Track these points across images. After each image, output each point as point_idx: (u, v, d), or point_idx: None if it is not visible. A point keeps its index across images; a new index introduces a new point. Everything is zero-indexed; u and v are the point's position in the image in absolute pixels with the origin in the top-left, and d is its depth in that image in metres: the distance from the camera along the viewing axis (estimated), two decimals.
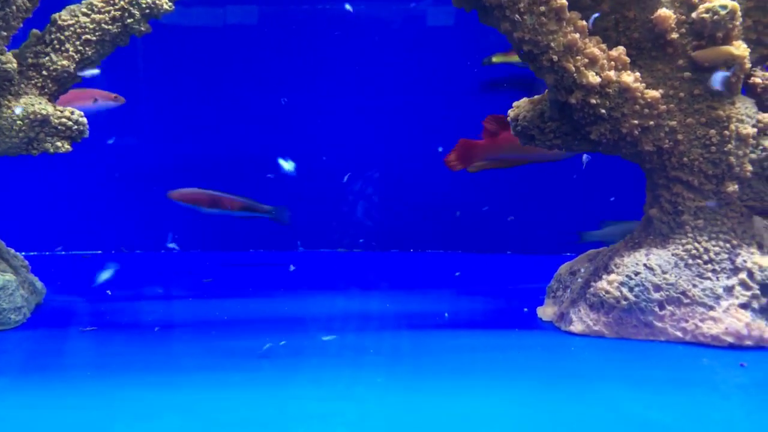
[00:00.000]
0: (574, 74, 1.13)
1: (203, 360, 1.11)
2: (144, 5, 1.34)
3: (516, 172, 1.72)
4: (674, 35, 1.15)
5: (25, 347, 1.18)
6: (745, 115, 1.13)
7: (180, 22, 1.98)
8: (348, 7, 1.98)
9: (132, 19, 1.35)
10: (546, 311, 1.25)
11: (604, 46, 1.16)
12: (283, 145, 1.99)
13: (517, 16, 1.11)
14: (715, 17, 1.10)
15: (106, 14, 1.33)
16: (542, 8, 1.12)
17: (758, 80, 1.28)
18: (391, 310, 1.44)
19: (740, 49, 1.11)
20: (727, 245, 1.13)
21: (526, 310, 1.31)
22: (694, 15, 1.12)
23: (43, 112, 1.26)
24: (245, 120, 2.05)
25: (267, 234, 2.05)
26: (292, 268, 1.80)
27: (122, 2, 1.33)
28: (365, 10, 2.02)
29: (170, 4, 1.36)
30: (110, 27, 1.34)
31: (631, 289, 1.11)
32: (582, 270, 1.22)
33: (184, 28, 2.00)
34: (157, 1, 1.34)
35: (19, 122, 1.26)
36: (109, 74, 1.52)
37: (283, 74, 2.03)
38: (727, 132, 1.13)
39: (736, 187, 1.13)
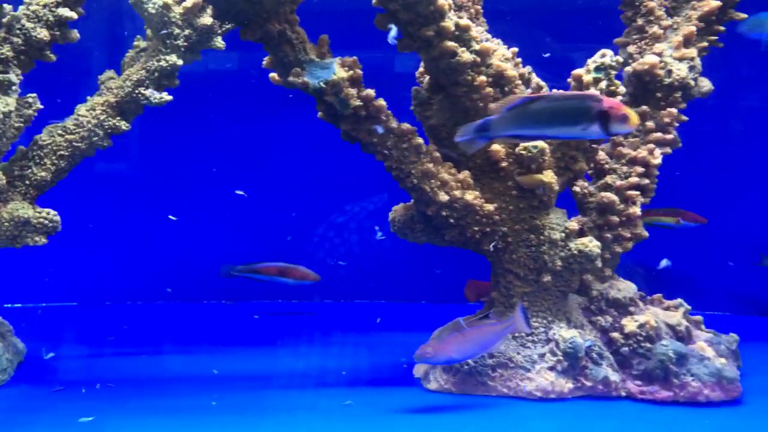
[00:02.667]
0: (430, 193, 1.50)
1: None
2: (107, 127, 1.70)
3: None
4: (504, 164, 1.54)
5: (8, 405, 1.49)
6: (556, 224, 1.51)
7: None
8: None
9: (97, 138, 1.71)
10: (419, 368, 1.61)
11: (454, 170, 1.54)
12: None
13: (386, 150, 1.50)
14: (530, 153, 1.49)
15: (77, 135, 1.70)
16: (405, 145, 1.50)
17: (578, 189, 1.68)
18: (268, 367, 1.73)
19: (548, 176, 1.49)
20: (544, 321, 1.51)
21: (405, 366, 1.67)
22: (516, 150, 1.51)
23: (25, 215, 1.60)
24: None
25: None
26: None
27: (90, 125, 1.70)
28: None
29: (128, 125, 1.72)
30: (80, 144, 1.70)
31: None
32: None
33: None
34: (116, 123, 1.71)
35: (6, 224, 1.60)
36: None
37: None
38: (542, 237, 1.51)
39: (550, 277, 1.51)
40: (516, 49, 1.60)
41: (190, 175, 2.35)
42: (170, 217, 2.30)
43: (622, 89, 1.51)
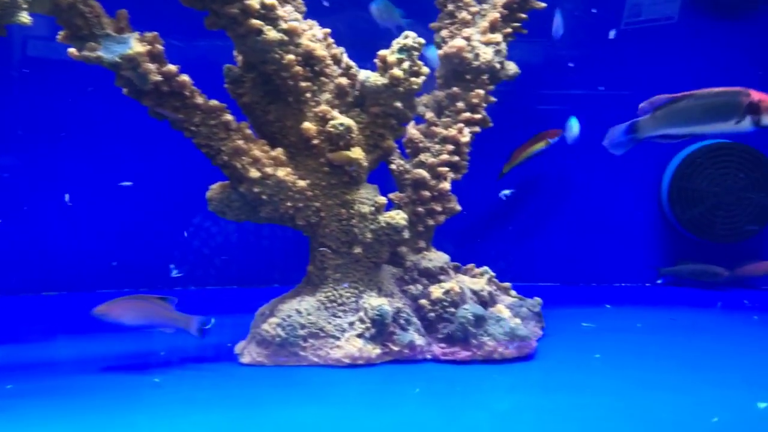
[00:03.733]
0: (241, 170, 1.52)
1: None
2: None
3: None
4: (316, 141, 1.58)
5: None
6: (365, 198, 1.58)
7: None
8: None
9: None
10: (239, 346, 1.63)
11: (267, 147, 1.57)
12: None
13: (194, 127, 1.49)
14: (338, 131, 1.54)
15: None
16: (213, 122, 1.51)
17: (394, 166, 1.76)
18: (95, 350, 1.70)
19: (356, 153, 1.55)
20: (355, 291, 1.57)
21: (229, 345, 1.68)
22: (326, 128, 1.56)
23: None
24: None
25: None
26: None
27: None
28: None
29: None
30: None
31: (283, 328, 1.51)
32: (267, 312, 1.61)
33: None
34: None
35: None
36: None
37: None
38: (353, 210, 1.57)
39: (361, 249, 1.58)
40: (328, 30, 1.65)
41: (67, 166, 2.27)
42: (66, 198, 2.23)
43: (425, 70, 1.59)
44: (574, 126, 2.11)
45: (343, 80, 1.58)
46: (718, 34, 2.39)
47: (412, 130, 1.78)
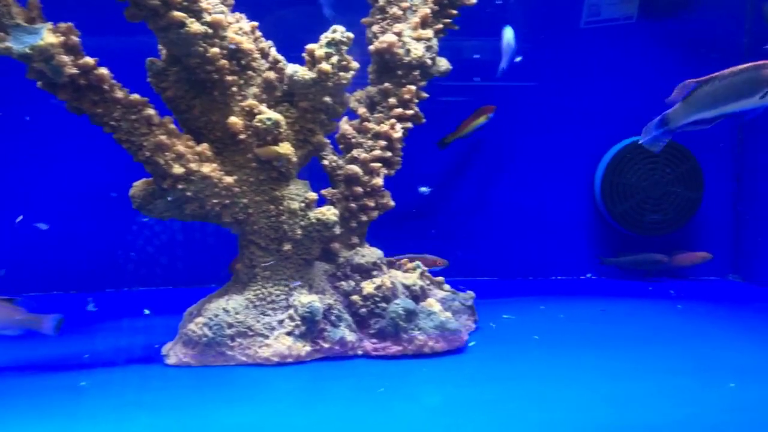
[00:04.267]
0: (164, 166, 1.48)
1: None
2: None
3: None
4: (243, 136, 1.55)
5: None
6: (295, 194, 1.56)
7: None
8: None
9: None
10: (166, 347, 1.58)
11: (192, 143, 1.53)
12: None
13: (114, 122, 1.45)
14: (265, 126, 1.52)
15: None
16: (134, 117, 1.46)
17: (327, 162, 1.75)
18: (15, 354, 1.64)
19: (285, 148, 1.53)
20: (285, 289, 1.55)
21: (157, 346, 1.64)
22: (253, 122, 1.53)
23: None
24: None
25: None
26: None
27: None
28: None
29: None
30: None
31: (210, 328, 1.48)
32: (195, 312, 1.58)
33: None
34: None
35: None
36: None
37: None
38: (282, 207, 1.55)
39: (291, 246, 1.56)
40: (256, 24, 1.62)
41: None
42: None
43: (354, 64, 1.58)
44: (507, 32, 2.07)
45: (271, 74, 1.56)
46: (642, 30, 2.47)
47: (345, 126, 1.77)
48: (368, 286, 1.58)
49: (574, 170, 2.50)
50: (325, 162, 1.73)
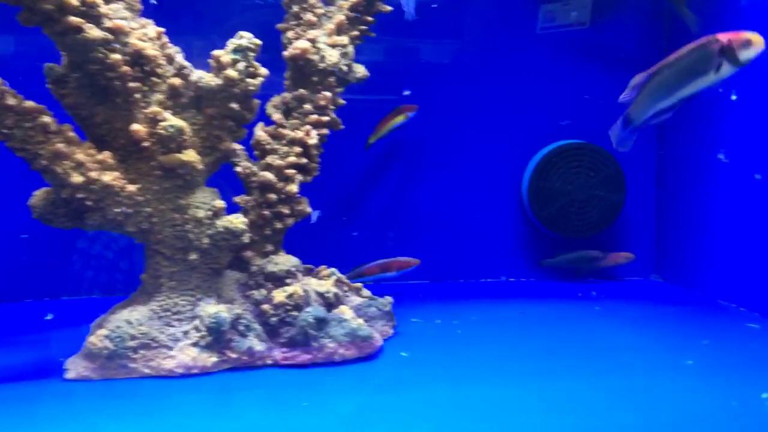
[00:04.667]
0: (62, 175, 1.44)
1: None
2: None
3: None
4: (147, 143, 1.52)
5: None
6: (201, 203, 1.54)
7: None
8: None
9: None
10: (69, 360, 1.54)
11: (93, 151, 1.49)
12: None
13: (6, 130, 1.40)
14: (168, 133, 1.49)
15: None
16: (29, 124, 1.42)
17: (240, 169, 1.73)
18: None
19: (189, 156, 1.51)
20: (192, 299, 1.53)
21: (61, 359, 1.59)
22: (156, 129, 1.51)
23: None
24: None
25: None
26: None
27: None
28: None
29: None
30: None
31: (112, 340, 1.44)
32: (100, 323, 1.54)
33: None
34: None
35: None
36: None
37: None
38: (187, 216, 1.53)
39: (197, 255, 1.54)
40: (162, 29, 1.59)
41: None
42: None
43: (263, 71, 1.57)
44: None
45: (176, 80, 1.53)
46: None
47: (260, 132, 1.75)
48: (279, 295, 1.57)
49: (503, 175, 2.53)
50: (239, 169, 1.71)
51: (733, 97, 2.11)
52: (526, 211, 2.51)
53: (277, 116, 1.78)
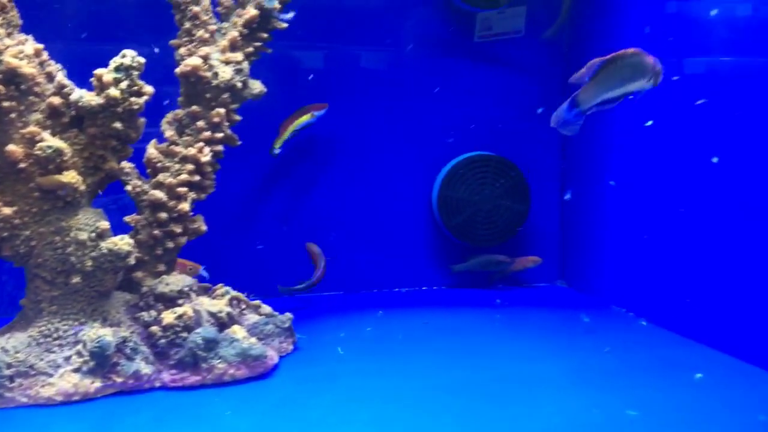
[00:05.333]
0: None
1: None
2: None
3: None
4: (24, 164, 1.48)
5: None
6: (84, 224, 1.51)
7: None
8: None
9: None
10: None
11: None
12: None
13: None
14: (45, 154, 1.45)
15: None
16: None
17: (130, 188, 1.70)
18: None
19: (69, 177, 1.48)
20: (75, 323, 1.50)
21: None
22: (34, 150, 1.47)
23: None
24: None
25: None
26: None
27: None
28: None
29: None
30: None
31: None
32: None
33: None
34: None
35: None
36: None
37: None
38: (68, 238, 1.49)
39: (80, 278, 1.50)
40: (41, 46, 1.55)
41: None
42: None
43: (148, 89, 1.55)
44: None
45: (56, 99, 1.50)
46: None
47: (152, 150, 1.72)
48: (168, 316, 1.55)
49: (414, 186, 2.57)
50: (129, 188, 1.68)
51: (649, 123, 2.20)
52: (437, 222, 2.57)
53: (169, 133, 1.76)
